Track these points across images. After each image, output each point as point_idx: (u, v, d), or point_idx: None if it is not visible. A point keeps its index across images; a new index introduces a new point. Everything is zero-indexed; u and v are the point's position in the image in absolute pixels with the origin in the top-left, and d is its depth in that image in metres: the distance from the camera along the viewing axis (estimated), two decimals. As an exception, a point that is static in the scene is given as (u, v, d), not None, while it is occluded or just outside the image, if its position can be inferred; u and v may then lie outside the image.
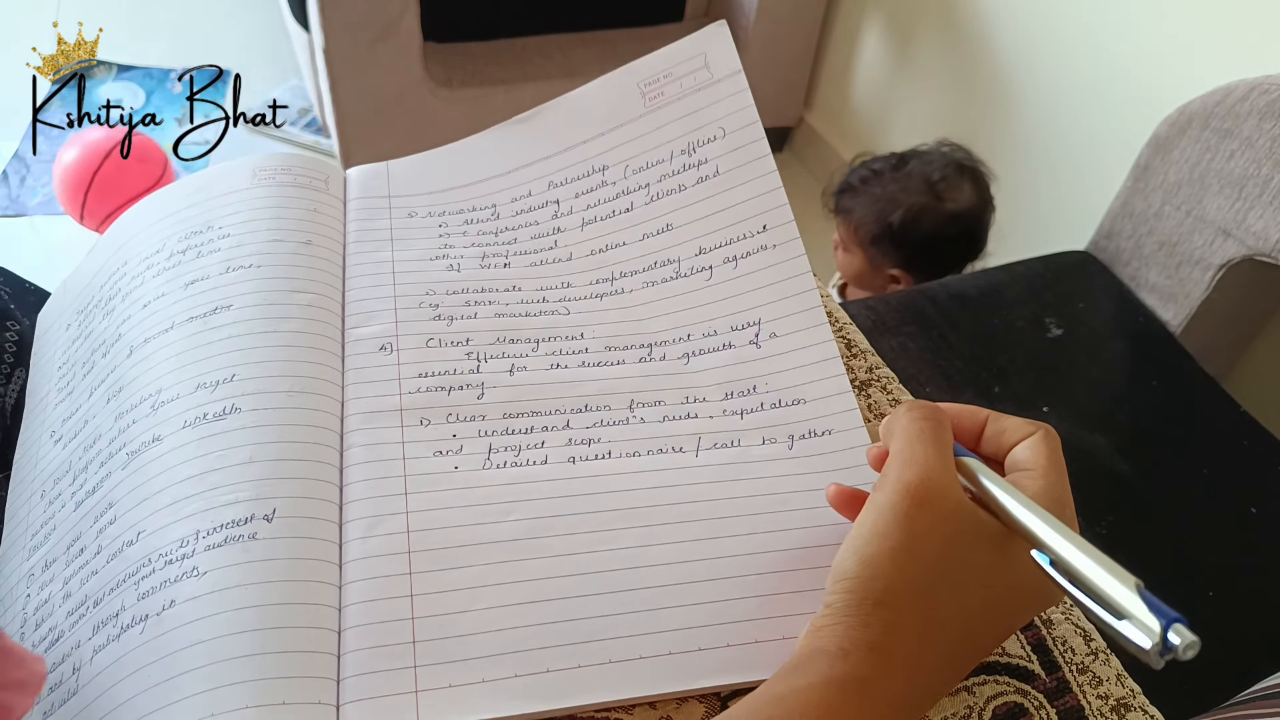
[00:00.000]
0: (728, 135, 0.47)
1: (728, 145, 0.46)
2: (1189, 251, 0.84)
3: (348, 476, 0.37)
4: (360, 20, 1.28)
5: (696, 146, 0.47)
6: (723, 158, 0.46)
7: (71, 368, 0.43)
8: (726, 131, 0.47)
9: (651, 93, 0.48)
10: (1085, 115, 1.13)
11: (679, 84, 0.48)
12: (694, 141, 0.47)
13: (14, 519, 0.39)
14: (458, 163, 0.50)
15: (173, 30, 1.88)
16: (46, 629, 0.34)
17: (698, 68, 0.48)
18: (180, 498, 0.35)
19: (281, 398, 0.38)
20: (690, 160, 0.47)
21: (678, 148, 0.47)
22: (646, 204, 0.47)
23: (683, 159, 0.47)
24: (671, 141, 0.47)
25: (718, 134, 0.47)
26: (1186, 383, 0.85)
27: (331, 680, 0.31)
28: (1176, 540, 0.71)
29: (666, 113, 0.48)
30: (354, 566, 0.34)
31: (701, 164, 0.46)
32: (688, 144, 0.47)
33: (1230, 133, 0.79)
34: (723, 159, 0.46)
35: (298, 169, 0.48)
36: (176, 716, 0.29)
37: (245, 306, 0.41)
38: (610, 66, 0.51)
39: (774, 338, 0.42)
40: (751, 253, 0.44)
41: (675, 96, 0.48)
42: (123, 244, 0.46)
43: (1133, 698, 0.36)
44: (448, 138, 0.52)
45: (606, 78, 0.50)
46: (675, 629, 0.34)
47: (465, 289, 0.45)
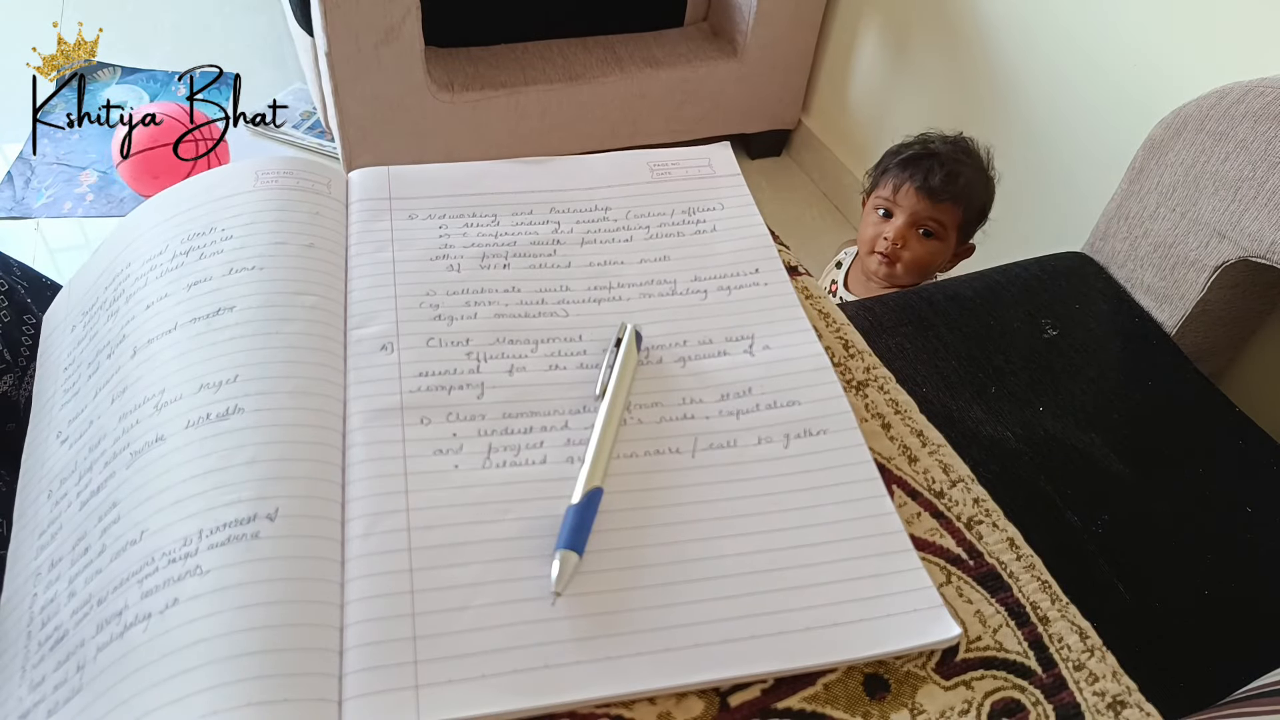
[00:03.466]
0: (725, 208, 0.51)
1: (725, 215, 0.51)
2: (1184, 253, 0.85)
3: (349, 475, 0.37)
4: (363, 24, 1.28)
5: (696, 210, 0.51)
6: (720, 220, 0.51)
7: (77, 368, 0.43)
8: (724, 206, 0.52)
9: (659, 171, 0.53)
10: (1081, 117, 1.14)
11: (684, 170, 0.54)
12: (694, 206, 0.51)
13: (22, 518, 0.39)
14: (460, 177, 0.51)
15: (176, 34, 1.89)
16: (52, 627, 0.34)
17: (702, 165, 0.54)
18: (183, 497, 0.35)
19: (284, 398, 0.38)
20: (690, 219, 0.51)
21: (679, 208, 0.51)
22: (646, 240, 0.49)
23: (683, 216, 0.51)
24: (674, 204, 0.52)
25: (716, 206, 0.52)
26: (1182, 383, 0.85)
27: (333, 677, 0.31)
28: (1171, 540, 0.71)
29: (671, 185, 0.53)
30: (355, 564, 0.34)
31: (700, 223, 0.51)
32: (688, 207, 0.51)
33: (1225, 135, 0.79)
34: (720, 221, 0.51)
35: (300, 172, 0.48)
36: (178, 714, 0.29)
37: (248, 308, 0.41)
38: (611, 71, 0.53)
39: (767, 349, 0.44)
40: (745, 285, 0.47)
41: (680, 178, 0.53)
42: (126, 245, 0.47)
43: (1128, 694, 0.36)
44: (451, 140, 0.53)
45: (617, 154, 0.55)
46: (673, 626, 0.34)
47: (465, 289, 0.45)
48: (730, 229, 0.50)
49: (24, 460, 0.42)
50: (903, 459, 0.43)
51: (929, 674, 0.36)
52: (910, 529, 0.40)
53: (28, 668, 0.34)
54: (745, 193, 0.52)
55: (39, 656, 0.34)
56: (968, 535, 0.40)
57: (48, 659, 0.33)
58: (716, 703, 0.34)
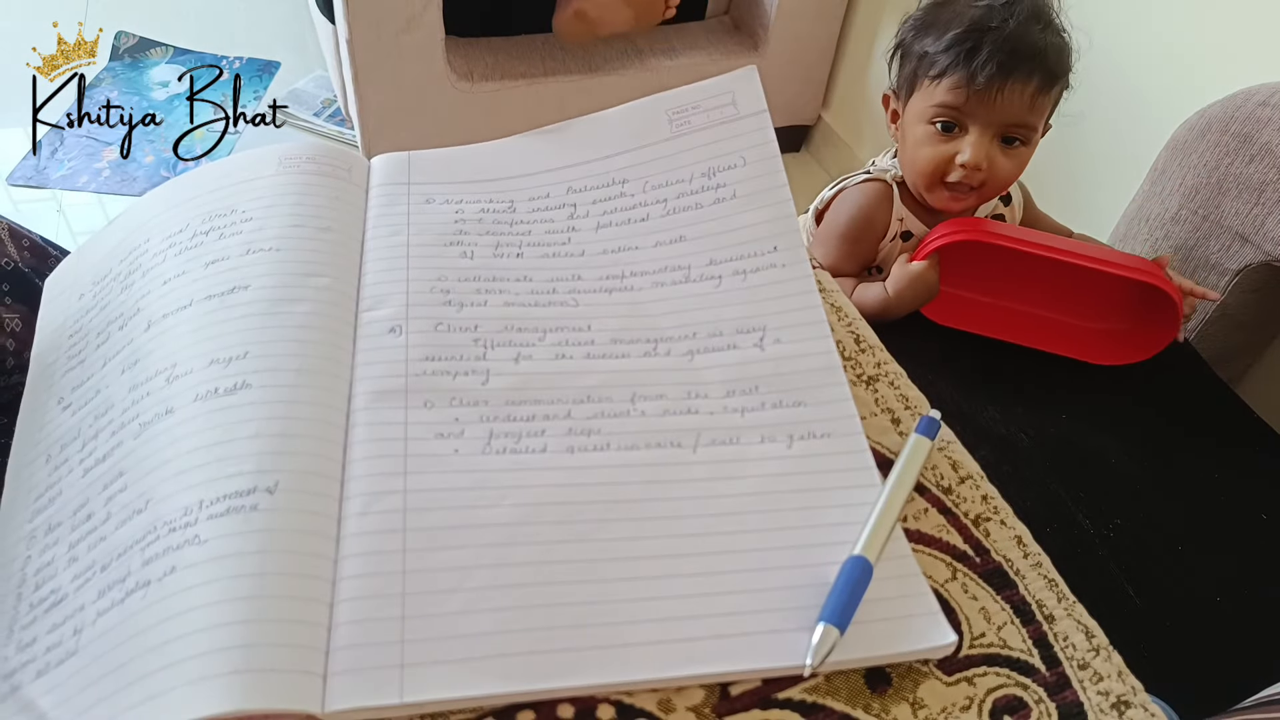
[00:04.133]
0: (748, 164, 0.48)
1: (747, 173, 0.48)
2: (1205, 256, 0.84)
3: (350, 454, 0.37)
4: (384, 13, 1.29)
5: (716, 171, 0.49)
6: (741, 183, 0.48)
7: (84, 336, 0.44)
8: (747, 161, 0.48)
9: (679, 120, 0.50)
10: (1103, 117, 1.13)
11: (706, 115, 0.50)
12: (714, 166, 0.49)
13: (16, 479, 0.40)
14: (479, 161, 0.51)
15: (198, 20, 1.91)
16: (48, 590, 0.34)
17: (725, 104, 0.50)
18: (187, 468, 0.35)
19: (291, 375, 0.38)
20: (709, 183, 0.48)
21: (698, 170, 0.49)
22: (662, 216, 0.48)
23: (702, 180, 0.48)
24: (693, 164, 0.49)
25: (738, 162, 0.48)
26: (1200, 388, 0.84)
27: (321, 651, 0.32)
28: (1185, 545, 0.71)
29: (690, 139, 0.50)
30: (350, 541, 0.35)
31: (720, 187, 0.48)
32: (708, 168, 0.49)
33: (1249, 138, 0.78)
34: (740, 184, 0.48)
35: (322, 158, 0.49)
36: (170, 679, 0.30)
37: (262, 288, 0.42)
38: (631, 63, 0.52)
39: (778, 343, 0.43)
40: (761, 268, 0.46)
41: (701, 126, 0.50)
42: (145, 221, 0.47)
43: (1133, 695, 0.36)
44: (469, 130, 0.53)
45: (635, 103, 0.52)
46: (662, 619, 0.34)
47: (477, 276, 0.45)
48: (751, 193, 0.47)
49: (19, 422, 0.42)
50: (911, 453, 0.43)
51: (931, 669, 0.35)
52: (917, 524, 0.40)
53: (16, 628, 0.34)
54: (770, 137, 0.49)
55: (30, 618, 0.34)
56: (975, 532, 0.40)
57: (41, 620, 0.34)
58: (717, 691, 0.34)
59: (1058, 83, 0.76)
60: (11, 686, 0.32)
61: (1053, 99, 0.78)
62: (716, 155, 0.49)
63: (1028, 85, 0.74)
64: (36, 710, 0.31)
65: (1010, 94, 0.74)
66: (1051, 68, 0.75)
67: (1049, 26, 0.76)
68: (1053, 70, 0.75)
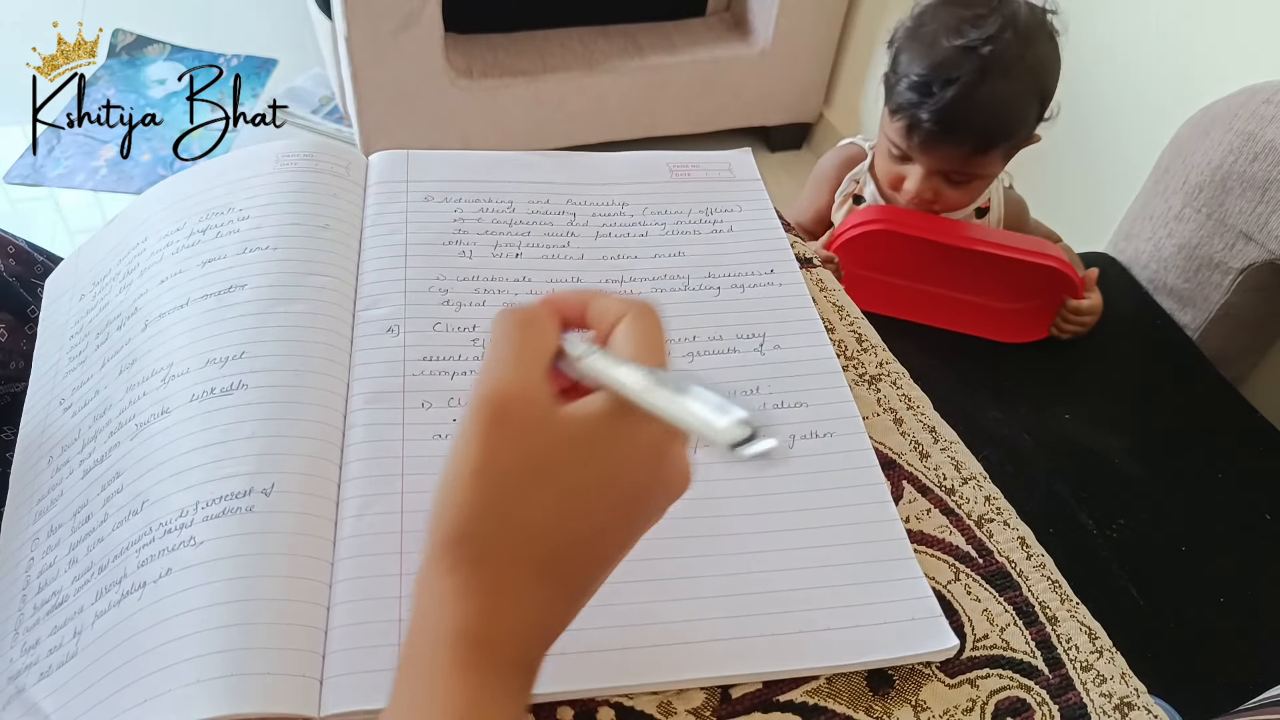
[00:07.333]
0: (744, 210, 0.51)
1: (743, 217, 0.51)
2: (1209, 255, 0.84)
3: (347, 455, 0.37)
4: (383, 9, 1.28)
5: (714, 210, 0.51)
6: (738, 223, 0.50)
7: (85, 337, 0.43)
8: (743, 208, 0.51)
9: (679, 171, 0.53)
10: (1106, 115, 1.12)
11: (704, 172, 0.53)
12: (712, 207, 0.51)
13: (20, 481, 0.40)
14: (479, 164, 0.51)
15: (195, 18, 1.90)
16: (50, 592, 0.34)
17: (722, 169, 0.54)
18: (183, 469, 0.35)
19: (288, 376, 0.38)
20: (707, 218, 0.50)
21: (697, 207, 0.51)
22: (661, 235, 0.49)
23: (700, 215, 0.51)
24: (691, 203, 0.51)
25: (734, 207, 0.51)
26: (1203, 387, 0.84)
27: (317, 654, 0.31)
28: (1189, 545, 0.70)
29: (689, 186, 0.52)
30: (346, 544, 0.34)
31: (717, 223, 0.50)
32: (706, 207, 0.51)
33: (1254, 135, 0.78)
34: (738, 223, 0.50)
35: (320, 155, 0.48)
36: (165, 683, 0.30)
37: (259, 287, 0.41)
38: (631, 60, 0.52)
39: (778, 349, 0.44)
40: (759, 285, 0.47)
41: (699, 179, 0.53)
42: (143, 220, 0.47)
43: (1136, 696, 0.36)
44: (467, 128, 0.53)
45: (636, 153, 0.54)
46: (664, 622, 0.34)
47: (476, 276, 0.45)
48: (747, 230, 0.50)
49: (23, 423, 0.42)
50: (914, 455, 0.42)
51: (933, 671, 0.35)
52: (919, 525, 0.40)
53: (21, 630, 0.34)
54: (765, 198, 0.52)
55: (34, 620, 0.34)
56: (978, 533, 0.40)
57: (43, 623, 0.34)
58: (718, 694, 0.34)
59: (998, 144, 0.77)
60: (17, 689, 0.32)
61: (1003, 151, 0.79)
62: (714, 199, 0.51)
63: (960, 149, 0.76)
64: (40, 713, 0.31)
65: (946, 151, 0.77)
66: (992, 132, 0.76)
67: (1013, 75, 0.75)
68: (992, 135, 0.76)
